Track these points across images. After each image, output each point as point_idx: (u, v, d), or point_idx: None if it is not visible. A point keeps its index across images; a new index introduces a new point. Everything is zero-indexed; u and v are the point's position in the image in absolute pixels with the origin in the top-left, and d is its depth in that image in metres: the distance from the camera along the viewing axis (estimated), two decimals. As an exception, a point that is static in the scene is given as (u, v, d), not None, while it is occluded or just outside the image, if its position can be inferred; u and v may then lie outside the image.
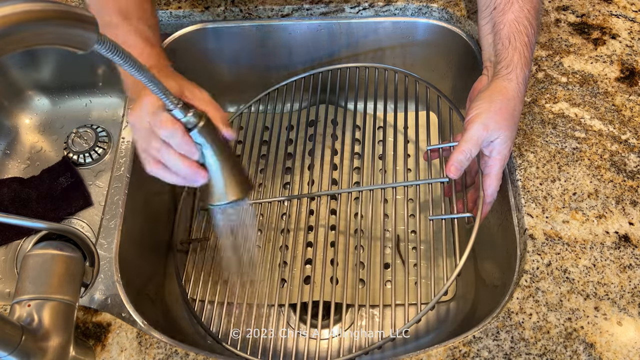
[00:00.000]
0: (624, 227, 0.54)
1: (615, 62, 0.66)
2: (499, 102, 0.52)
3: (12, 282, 0.73)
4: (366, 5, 0.74)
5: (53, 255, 0.45)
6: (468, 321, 0.64)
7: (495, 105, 0.52)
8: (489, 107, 0.52)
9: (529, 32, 0.54)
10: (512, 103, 0.52)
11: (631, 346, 0.48)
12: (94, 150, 0.82)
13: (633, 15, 0.70)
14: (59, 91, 0.88)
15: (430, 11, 0.74)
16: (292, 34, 0.77)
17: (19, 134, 0.86)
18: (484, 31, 0.59)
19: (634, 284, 0.51)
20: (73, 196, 0.79)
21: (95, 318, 0.53)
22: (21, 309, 0.43)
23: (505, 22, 0.55)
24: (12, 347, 0.40)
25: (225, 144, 0.45)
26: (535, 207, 0.56)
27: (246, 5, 0.74)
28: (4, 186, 0.79)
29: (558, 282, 0.51)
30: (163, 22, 0.75)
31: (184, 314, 0.70)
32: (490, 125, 0.51)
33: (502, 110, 0.52)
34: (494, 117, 0.51)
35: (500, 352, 0.48)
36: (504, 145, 0.53)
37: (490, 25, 0.58)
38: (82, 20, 0.30)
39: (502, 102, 0.52)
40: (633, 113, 0.62)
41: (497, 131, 0.52)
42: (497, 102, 0.52)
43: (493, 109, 0.52)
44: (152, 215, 0.71)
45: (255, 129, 0.79)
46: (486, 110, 0.52)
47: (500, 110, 0.52)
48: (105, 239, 0.59)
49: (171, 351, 0.50)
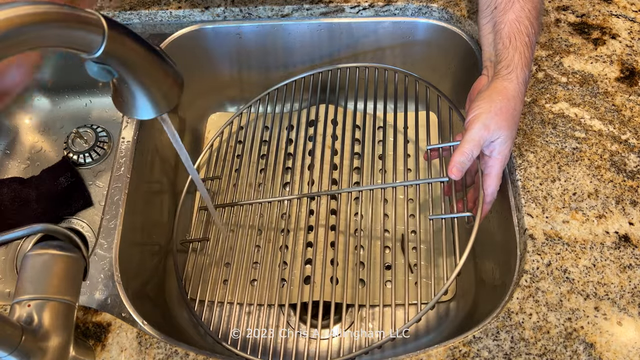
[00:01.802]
0: (624, 227, 0.54)
1: (615, 62, 0.66)
2: (499, 102, 0.52)
3: (12, 282, 0.73)
4: (366, 5, 0.74)
5: (53, 255, 0.45)
6: (468, 321, 0.64)
7: (495, 106, 0.52)
8: (490, 107, 0.52)
9: (530, 32, 0.54)
10: (512, 103, 0.52)
11: (631, 346, 0.48)
12: (94, 150, 0.82)
13: (633, 15, 0.70)
14: (59, 91, 0.88)
15: (430, 11, 0.74)
16: (292, 34, 0.77)
17: (19, 134, 0.86)
18: (484, 30, 0.59)
19: (634, 284, 0.51)
20: (73, 196, 0.79)
21: (95, 318, 0.53)
22: (21, 309, 0.43)
23: (506, 22, 0.55)
24: (12, 347, 0.40)
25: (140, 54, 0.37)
26: (535, 207, 0.56)
27: (246, 5, 0.74)
28: (4, 186, 0.79)
29: (558, 282, 0.51)
30: (163, 22, 0.75)
31: (184, 314, 0.70)
32: (491, 125, 0.52)
33: (502, 110, 0.52)
34: (494, 117, 0.51)
35: (500, 352, 0.48)
36: (504, 145, 0.53)
37: (490, 25, 0.58)
38: (87, 23, 0.30)
39: (503, 102, 0.52)
40: (633, 113, 0.62)
41: (498, 131, 0.52)
42: (498, 102, 0.52)
43: (494, 109, 0.52)
44: (152, 215, 0.71)
45: (256, 129, 0.79)
46: (487, 111, 0.52)
47: (500, 111, 0.52)
48: (105, 239, 0.59)
49: (171, 351, 0.50)
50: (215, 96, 0.88)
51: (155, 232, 0.72)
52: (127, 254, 0.60)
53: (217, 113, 0.89)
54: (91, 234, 0.77)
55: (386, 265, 0.72)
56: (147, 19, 0.75)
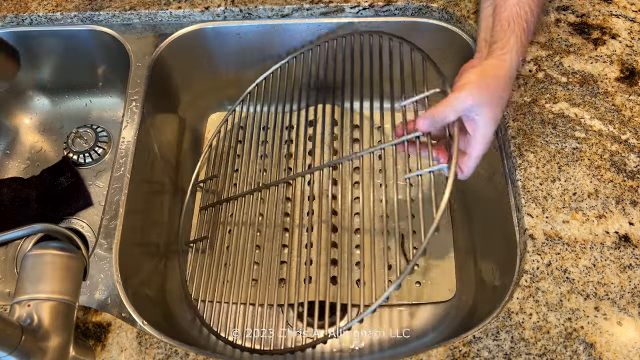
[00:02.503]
0: (624, 227, 0.54)
1: (615, 62, 0.66)
2: (488, 79, 0.50)
3: (12, 282, 0.73)
4: (366, 5, 0.74)
5: (53, 255, 0.45)
6: (468, 321, 0.64)
7: (485, 81, 0.50)
8: (478, 80, 0.50)
9: (529, 19, 0.54)
10: (501, 83, 0.51)
11: (631, 346, 0.48)
12: (94, 150, 0.82)
13: (633, 15, 0.70)
14: (59, 91, 0.88)
15: (430, 11, 0.74)
16: (292, 34, 0.77)
17: (19, 134, 0.86)
18: (484, 14, 0.59)
19: (634, 284, 0.51)
20: (73, 196, 0.79)
21: (95, 318, 0.53)
22: (21, 309, 0.43)
23: (507, 6, 0.55)
24: (12, 347, 0.40)
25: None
26: (535, 207, 0.56)
27: (246, 5, 0.74)
28: (4, 186, 0.79)
29: (558, 282, 0.51)
30: (163, 22, 0.75)
31: (184, 314, 0.70)
32: (475, 96, 0.49)
33: (490, 87, 0.50)
34: (480, 90, 0.49)
35: (500, 352, 0.48)
36: (487, 127, 0.50)
37: (491, 8, 0.57)
38: None
39: (492, 79, 0.50)
40: (633, 113, 0.62)
41: (479, 107, 0.49)
42: (488, 78, 0.50)
43: (482, 83, 0.50)
44: (152, 215, 0.71)
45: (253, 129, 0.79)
46: (475, 82, 0.50)
47: (488, 87, 0.50)
48: (105, 239, 0.59)
49: (171, 351, 0.50)
50: (215, 96, 0.88)
51: (155, 232, 0.72)
52: (127, 254, 0.60)
53: (217, 113, 0.89)
54: (91, 234, 0.77)
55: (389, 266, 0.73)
56: (147, 19, 0.75)
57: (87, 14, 0.75)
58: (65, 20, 0.76)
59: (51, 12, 0.75)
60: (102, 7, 0.75)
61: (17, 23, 0.76)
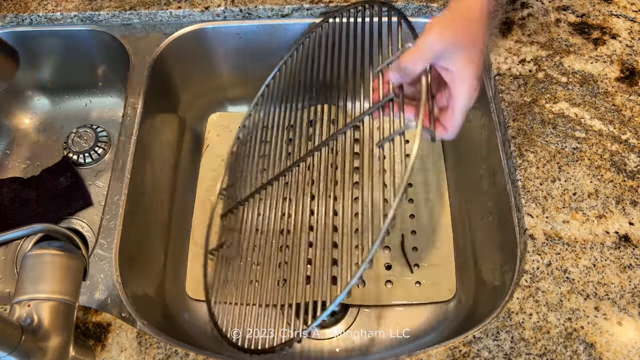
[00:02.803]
0: (624, 227, 0.54)
1: (615, 62, 0.66)
2: (460, 21, 0.45)
3: (12, 282, 0.73)
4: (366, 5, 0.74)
5: (53, 255, 0.45)
6: (468, 321, 0.64)
7: (456, 23, 0.45)
8: (449, 20, 0.45)
9: None
10: (475, 25, 0.46)
11: (631, 346, 0.48)
12: (94, 150, 0.82)
13: (633, 15, 0.70)
14: (59, 91, 0.88)
15: (430, 11, 0.74)
16: (292, 34, 0.77)
17: (19, 134, 0.86)
18: None
19: (634, 284, 0.51)
20: (73, 196, 0.79)
21: (95, 318, 0.53)
22: (21, 309, 0.43)
23: None
24: (12, 347, 0.40)
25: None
26: (535, 207, 0.56)
27: (246, 5, 0.74)
28: (4, 186, 0.79)
29: (558, 282, 0.51)
30: (163, 22, 0.75)
31: (184, 314, 0.70)
32: (447, 36, 0.44)
33: (463, 28, 0.45)
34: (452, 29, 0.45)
35: (500, 352, 0.48)
36: (465, 71, 0.45)
37: None
38: None
39: (465, 22, 0.45)
40: (633, 113, 0.62)
41: (454, 46, 0.44)
42: (459, 20, 0.45)
43: (453, 25, 0.45)
44: (152, 216, 0.71)
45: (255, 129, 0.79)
46: (445, 22, 0.45)
47: (460, 28, 0.45)
48: (105, 239, 0.59)
49: (171, 351, 0.50)
50: (215, 96, 0.88)
51: (155, 232, 0.72)
52: (127, 254, 0.60)
53: (217, 113, 0.89)
54: (91, 234, 0.77)
55: (387, 266, 0.72)
56: (147, 19, 0.75)
57: (87, 14, 0.75)
58: (65, 20, 0.76)
59: (51, 12, 0.75)
60: (102, 7, 0.75)
61: (17, 23, 0.76)
